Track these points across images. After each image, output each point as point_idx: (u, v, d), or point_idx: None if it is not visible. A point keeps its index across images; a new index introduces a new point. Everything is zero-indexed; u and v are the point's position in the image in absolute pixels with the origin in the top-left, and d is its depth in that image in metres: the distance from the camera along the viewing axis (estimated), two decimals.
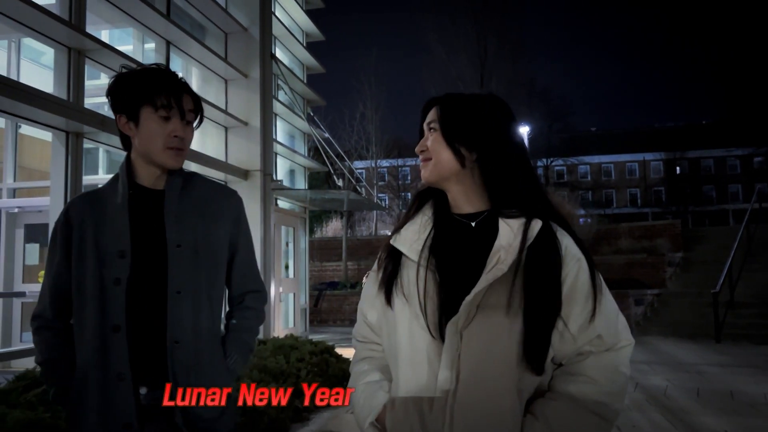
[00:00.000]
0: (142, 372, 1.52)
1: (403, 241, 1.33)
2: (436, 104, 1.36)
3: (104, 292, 1.51)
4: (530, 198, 1.29)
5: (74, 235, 1.57)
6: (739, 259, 12.02)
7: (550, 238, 1.25)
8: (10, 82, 4.56)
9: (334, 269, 17.84)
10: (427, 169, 1.33)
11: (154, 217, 1.57)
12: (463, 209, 1.33)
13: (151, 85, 1.53)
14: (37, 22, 4.82)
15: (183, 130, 1.56)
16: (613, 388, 1.23)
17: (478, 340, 1.19)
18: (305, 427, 4.91)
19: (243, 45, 8.13)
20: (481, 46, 24.45)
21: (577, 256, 1.27)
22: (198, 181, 1.69)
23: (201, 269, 1.59)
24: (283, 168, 9.98)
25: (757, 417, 5.17)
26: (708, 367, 7.89)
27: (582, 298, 1.24)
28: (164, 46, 6.80)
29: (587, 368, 1.23)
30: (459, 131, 1.30)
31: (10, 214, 8.22)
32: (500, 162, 1.29)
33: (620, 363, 1.25)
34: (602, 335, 1.24)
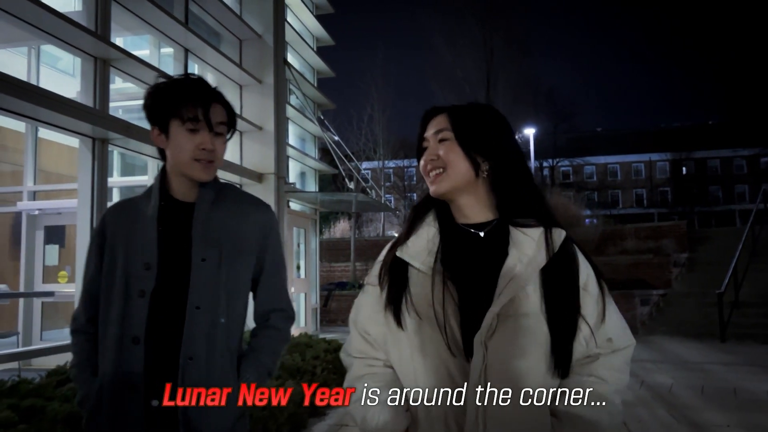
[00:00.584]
0: (156, 385, 1.50)
1: (411, 253, 1.30)
2: (440, 113, 1.33)
3: (128, 303, 1.51)
4: (539, 207, 1.30)
5: (106, 244, 1.58)
6: (744, 260, 12.11)
7: (569, 246, 1.28)
8: (40, 90, 4.78)
9: (343, 270, 18.03)
10: (441, 181, 1.29)
11: (183, 230, 1.56)
12: (471, 219, 1.31)
13: (179, 98, 1.51)
14: (66, 33, 5.04)
15: (212, 142, 1.53)
16: (619, 387, 1.28)
17: (503, 350, 1.20)
18: (322, 422, 5.10)
19: (257, 51, 8.34)
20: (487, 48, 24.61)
21: (585, 262, 1.30)
22: (230, 194, 1.66)
23: (223, 285, 1.55)
24: (294, 170, 10.18)
25: (760, 413, 5.33)
26: (712, 365, 8.04)
27: (592, 302, 1.27)
28: (182, 54, 7.02)
29: (598, 369, 1.26)
30: (474, 140, 1.29)
31: (30, 216, 8.42)
32: (511, 171, 1.29)
33: (626, 362, 1.31)
34: (612, 338, 1.28)
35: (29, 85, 4.56)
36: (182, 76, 1.57)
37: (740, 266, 11.81)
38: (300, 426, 4.79)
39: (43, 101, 4.58)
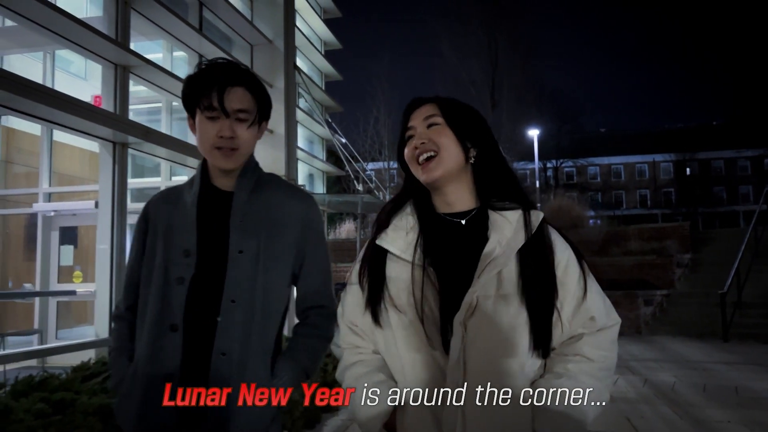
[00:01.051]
0: (190, 377, 1.46)
1: (391, 241, 1.31)
2: (428, 102, 1.35)
3: (167, 290, 1.48)
4: (517, 192, 1.33)
5: (149, 231, 1.57)
6: (746, 261, 12.24)
7: (543, 228, 1.31)
8: (64, 96, 4.97)
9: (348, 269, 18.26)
10: (435, 166, 1.29)
11: (222, 219, 1.52)
12: (454, 208, 1.33)
13: (198, 86, 1.49)
14: (89, 41, 5.23)
15: (231, 129, 1.48)
16: (606, 364, 1.29)
17: (483, 331, 1.22)
18: (335, 417, 5.27)
19: (268, 56, 8.53)
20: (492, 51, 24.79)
21: (565, 243, 1.33)
22: (271, 183, 1.61)
23: (260, 279, 1.50)
24: (303, 172, 10.37)
25: (760, 410, 5.47)
26: (715, 364, 8.18)
27: (573, 282, 1.29)
28: (196, 59, 7.20)
29: (582, 348, 1.28)
30: (464, 126, 1.32)
31: (46, 218, 8.59)
32: (494, 158, 1.34)
33: (611, 341, 1.32)
34: (594, 317, 1.29)
35: (54, 91, 4.75)
36: (212, 61, 1.54)
37: (743, 267, 11.93)
38: (314, 421, 4.95)
39: (68, 107, 4.77)
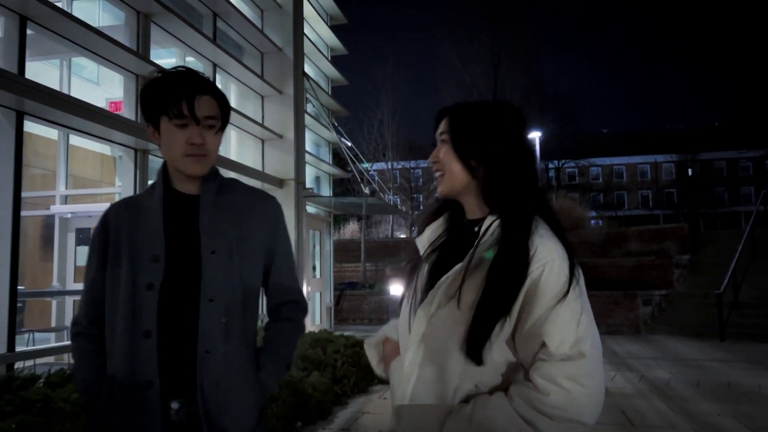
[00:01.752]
0: (172, 382, 1.45)
1: (421, 240, 1.43)
2: (446, 115, 1.36)
3: (137, 297, 1.46)
4: (516, 201, 1.29)
5: (110, 241, 1.53)
6: (744, 262, 12.50)
7: (518, 239, 1.23)
8: (91, 106, 5.27)
9: (353, 270, 18.50)
10: (441, 184, 1.37)
11: (190, 223, 1.52)
12: (475, 215, 1.36)
13: (164, 94, 1.47)
14: (111, 53, 5.53)
15: (201, 136, 1.48)
16: (552, 401, 1.15)
17: (436, 327, 1.27)
18: (345, 409, 5.55)
19: (278, 64, 8.83)
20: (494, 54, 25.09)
21: (545, 259, 1.21)
22: (234, 186, 1.64)
23: (235, 277, 1.52)
24: (310, 175, 10.65)
25: (750, 404, 5.74)
26: (709, 362, 8.45)
27: (537, 302, 1.20)
28: (211, 68, 7.50)
29: (532, 373, 1.19)
30: (469, 144, 1.31)
31: (63, 219, 8.85)
32: (502, 171, 1.30)
33: (567, 375, 1.16)
34: (546, 343, 1.17)
35: (86, 103, 5.05)
36: (172, 70, 1.53)
37: (740, 268, 12.18)
38: (325, 413, 5.24)
39: (95, 117, 5.08)
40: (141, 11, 6.03)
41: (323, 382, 5.53)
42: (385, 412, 5.43)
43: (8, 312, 4.33)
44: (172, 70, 1.52)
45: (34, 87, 4.49)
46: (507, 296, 1.20)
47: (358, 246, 18.99)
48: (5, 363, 4.33)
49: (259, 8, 9.01)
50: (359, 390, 6.22)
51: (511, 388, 1.21)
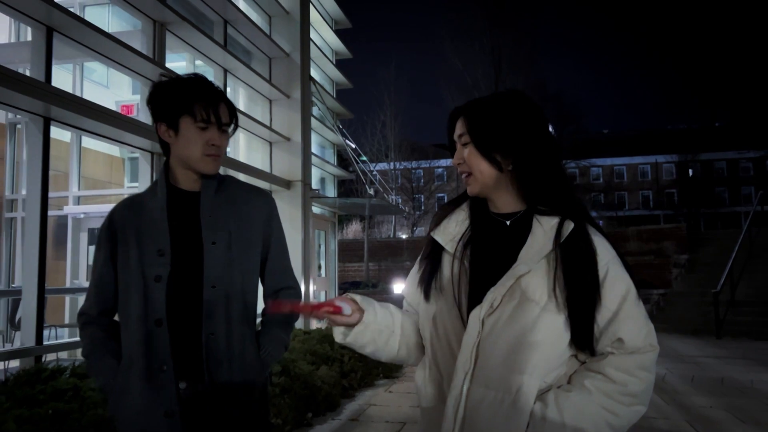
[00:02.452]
0: (182, 364, 1.58)
1: (442, 233, 1.38)
2: (461, 115, 1.36)
3: (147, 289, 1.58)
4: (562, 197, 1.30)
5: (118, 238, 1.64)
6: (741, 261, 12.73)
7: (584, 238, 1.27)
8: (112, 112, 5.53)
9: (356, 270, 18.76)
10: (470, 184, 1.35)
11: (192, 217, 1.64)
12: (501, 209, 1.36)
13: (190, 96, 1.59)
14: (129, 60, 5.78)
15: (219, 138, 1.63)
16: (630, 390, 1.23)
17: (499, 329, 1.24)
18: (352, 402, 5.80)
19: (285, 68, 9.08)
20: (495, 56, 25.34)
21: (607, 258, 1.27)
22: (231, 183, 1.76)
23: (235, 264, 1.64)
24: (315, 176, 10.90)
25: (741, 398, 5.98)
26: (705, 358, 8.68)
27: (608, 298, 1.25)
28: (222, 73, 7.75)
29: (605, 367, 1.24)
30: (491, 140, 1.30)
31: (75, 220, 9.08)
32: (534, 164, 1.29)
33: (640, 366, 1.25)
34: (623, 338, 1.24)
35: (106, 108, 5.30)
36: (188, 76, 1.67)
37: (737, 267, 12.42)
38: (334, 405, 5.48)
39: (116, 122, 5.34)
40: (157, 20, 6.28)
41: (332, 376, 5.77)
42: (390, 404, 5.68)
43: (36, 308, 4.58)
44: (190, 77, 1.66)
45: (61, 94, 4.75)
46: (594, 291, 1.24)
47: (361, 246, 19.25)
48: (34, 355, 4.58)
49: (267, 15, 9.27)
50: (366, 383, 6.48)
51: (586, 382, 1.25)
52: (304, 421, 4.85)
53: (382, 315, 1.40)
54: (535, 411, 1.21)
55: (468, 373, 1.25)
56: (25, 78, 4.55)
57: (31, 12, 4.63)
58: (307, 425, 4.83)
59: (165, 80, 1.66)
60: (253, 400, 1.66)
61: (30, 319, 4.57)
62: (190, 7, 7.41)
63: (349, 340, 1.37)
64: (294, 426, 4.66)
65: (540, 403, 1.21)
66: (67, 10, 4.87)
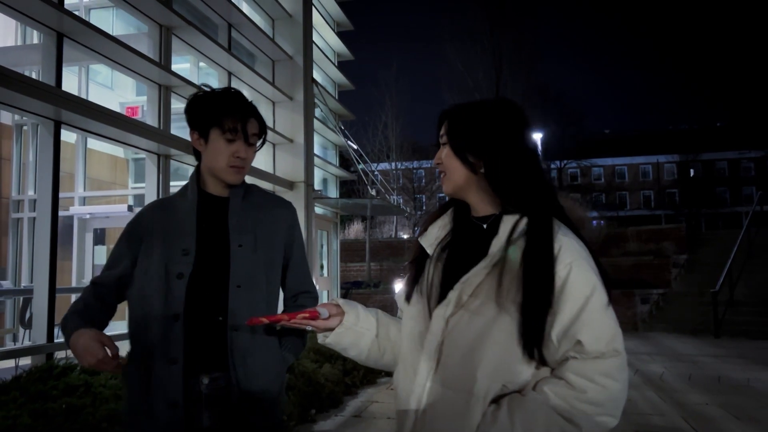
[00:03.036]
0: (201, 360, 1.63)
1: (426, 238, 1.42)
2: (445, 118, 1.39)
3: (167, 285, 1.64)
4: (533, 199, 1.29)
5: (145, 236, 1.71)
6: (739, 261, 12.81)
7: (543, 237, 1.25)
8: (121, 116, 5.67)
9: (358, 269, 18.86)
10: (444, 184, 1.39)
11: (219, 220, 1.73)
12: (480, 212, 1.37)
13: (221, 109, 1.67)
14: (137, 64, 5.90)
15: (245, 151, 1.70)
16: (590, 397, 1.17)
17: (460, 329, 1.25)
18: (355, 399, 5.91)
19: (288, 71, 9.21)
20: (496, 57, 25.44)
21: (571, 258, 1.23)
22: (257, 192, 1.86)
23: (259, 266, 1.72)
24: (318, 177, 11.02)
25: (737, 395, 6.08)
26: (703, 357, 8.78)
27: (568, 300, 1.20)
28: (226, 76, 7.88)
29: (565, 372, 1.19)
30: (466, 142, 1.33)
31: (81, 220, 9.16)
32: (504, 167, 1.30)
33: (602, 373, 1.18)
34: (582, 342, 1.19)
35: (114, 112, 5.44)
36: (224, 90, 1.76)
37: (736, 267, 12.49)
38: (337, 402, 5.60)
39: (124, 125, 5.47)
40: (163, 24, 6.41)
41: (335, 373, 5.89)
42: (392, 401, 5.78)
43: (47, 306, 4.70)
44: (225, 90, 1.76)
45: (70, 98, 4.87)
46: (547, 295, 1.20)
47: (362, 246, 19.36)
48: (46, 352, 4.70)
49: (270, 18, 9.40)
50: (368, 381, 6.59)
51: (545, 387, 1.20)
52: (308, 418, 4.96)
53: (364, 318, 1.44)
54: (486, 413, 1.19)
55: (431, 372, 1.27)
56: (37, 83, 4.68)
57: (43, 19, 4.76)
58: (310, 421, 4.95)
59: (202, 93, 1.74)
60: (273, 396, 1.73)
61: (42, 317, 4.69)
62: (196, 11, 7.54)
63: (328, 340, 1.42)
64: (298, 422, 4.77)
65: (494, 406, 1.20)
66: (76, 16, 5.00)
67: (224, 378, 1.64)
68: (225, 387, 1.64)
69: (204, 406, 1.62)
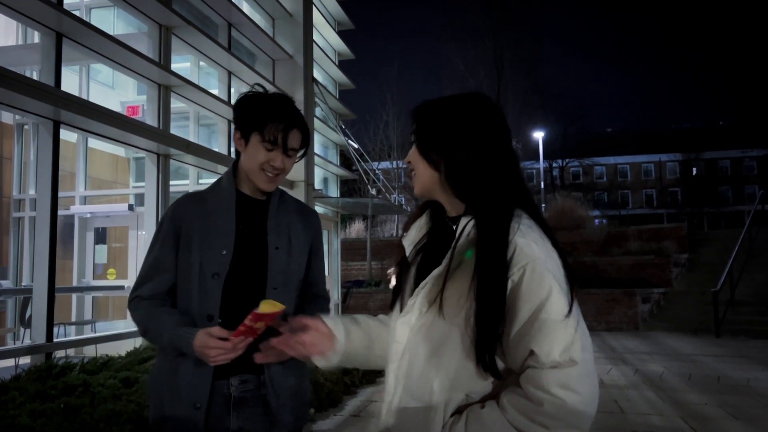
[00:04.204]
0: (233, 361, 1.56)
1: (406, 239, 1.38)
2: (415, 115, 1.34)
3: (203, 284, 1.65)
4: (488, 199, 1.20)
5: (182, 230, 1.69)
6: (740, 261, 12.77)
7: (494, 240, 1.16)
8: (120, 116, 5.68)
9: (359, 268, 18.85)
10: (414, 183, 1.34)
11: (256, 222, 1.73)
12: (452, 213, 1.31)
13: (265, 116, 1.64)
14: (137, 64, 5.91)
15: (282, 161, 1.68)
16: (546, 410, 1.09)
17: (420, 336, 1.23)
18: (354, 398, 5.92)
19: (289, 70, 9.21)
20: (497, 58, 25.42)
21: (525, 260, 1.13)
22: (288, 198, 1.87)
23: (292, 269, 1.75)
24: (318, 176, 11.03)
25: (736, 395, 6.07)
26: (703, 357, 8.76)
27: (521, 307, 1.13)
28: (226, 75, 7.89)
29: (523, 382, 1.12)
30: (428, 139, 1.27)
31: (82, 219, 9.19)
32: (462, 166, 1.23)
33: (558, 384, 1.09)
34: (535, 351, 1.10)
35: (113, 112, 5.46)
36: (275, 95, 1.72)
37: (737, 267, 12.46)
38: (336, 401, 5.60)
39: (124, 125, 5.49)
40: (163, 24, 6.41)
41: (334, 373, 5.89)
42: None
43: (47, 306, 4.72)
44: (276, 95, 1.72)
45: (69, 98, 4.88)
46: (497, 302, 1.13)
47: (363, 245, 19.34)
48: (45, 352, 4.72)
49: (270, 17, 9.40)
50: (367, 381, 6.59)
51: (504, 398, 1.14)
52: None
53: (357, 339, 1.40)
54: (446, 426, 1.16)
55: (398, 382, 1.24)
56: (36, 83, 4.69)
57: (41, 19, 4.77)
58: (309, 421, 4.96)
59: (253, 93, 1.72)
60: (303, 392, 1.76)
61: (41, 316, 4.71)
62: (195, 11, 7.55)
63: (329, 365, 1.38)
64: None
65: (454, 417, 1.16)
66: (76, 17, 5.01)
67: (254, 380, 1.66)
68: (255, 389, 1.66)
69: (232, 408, 1.63)
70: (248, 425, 1.65)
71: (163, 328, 1.62)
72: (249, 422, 1.65)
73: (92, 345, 6.24)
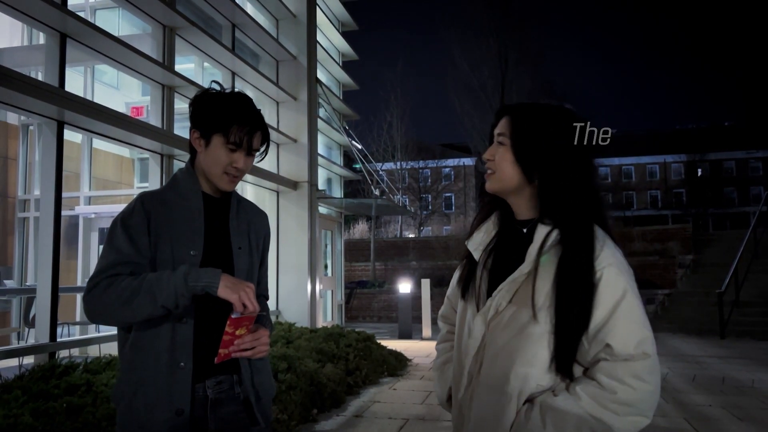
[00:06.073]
0: (207, 363, 1.59)
1: (472, 243, 1.45)
2: (507, 114, 1.38)
3: None
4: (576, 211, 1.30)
5: (150, 227, 1.62)
6: (745, 262, 12.73)
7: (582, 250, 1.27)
8: (124, 116, 5.70)
9: (362, 269, 18.87)
10: (491, 181, 1.38)
11: (218, 222, 1.72)
12: (522, 216, 1.39)
13: (229, 117, 1.60)
14: (140, 65, 5.93)
15: (244, 162, 1.65)
16: (620, 398, 1.21)
17: (499, 333, 1.32)
18: (357, 399, 5.92)
19: (292, 71, 9.22)
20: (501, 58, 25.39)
21: (604, 264, 1.27)
22: (242, 198, 1.87)
23: (253, 268, 1.78)
24: (322, 177, 11.03)
25: (741, 396, 6.05)
26: (708, 358, 8.73)
27: (598, 306, 1.24)
28: (230, 76, 7.90)
29: (596, 373, 1.24)
30: (529, 150, 1.32)
31: (86, 219, 9.22)
32: (562, 180, 1.31)
33: (631, 374, 1.22)
34: (611, 345, 1.23)
35: (117, 112, 5.47)
36: (234, 94, 1.68)
37: (742, 268, 12.41)
38: (339, 402, 5.60)
39: (128, 125, 5.50)
40: (167, 25, 6.43)
41: (337, 373, 5.90)
42: (394, 401, 5.79)
43: (50, 305, 4.73)
44: (236, 95, 1.67)
45: (73, 98, 4.90)
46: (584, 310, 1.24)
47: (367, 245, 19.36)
48: (48, 352, 4.73)
49: (274, 18, 9.41)
50: (370, 381, 6.59)
51: (576, 387, 1.24)
52: (309, 417, 4.97)
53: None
54: (520, 413, 1.26)
55: (474, 375, 1.35)
56: (40, 83, 4.70)
57: (45, 19, 4.79)
58: (312, 421, 4.96)
59: (211, 92, 1.67)
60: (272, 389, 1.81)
61: (44, 316, 4.72)
62: (199, 12, 7.56)
63: None
64: (299, 421, 4.78)
65: (528, 405, 1.26)
66: (80, 17, 5.03)
67: (228, 380, 1.65)
68: (229, 389, 1.65)
69: (209, 410, 1.61)
70: (225, 426, 1.64)
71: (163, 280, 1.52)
72: (226, 423, 1.64)
73: (96, 345, 6.25)
